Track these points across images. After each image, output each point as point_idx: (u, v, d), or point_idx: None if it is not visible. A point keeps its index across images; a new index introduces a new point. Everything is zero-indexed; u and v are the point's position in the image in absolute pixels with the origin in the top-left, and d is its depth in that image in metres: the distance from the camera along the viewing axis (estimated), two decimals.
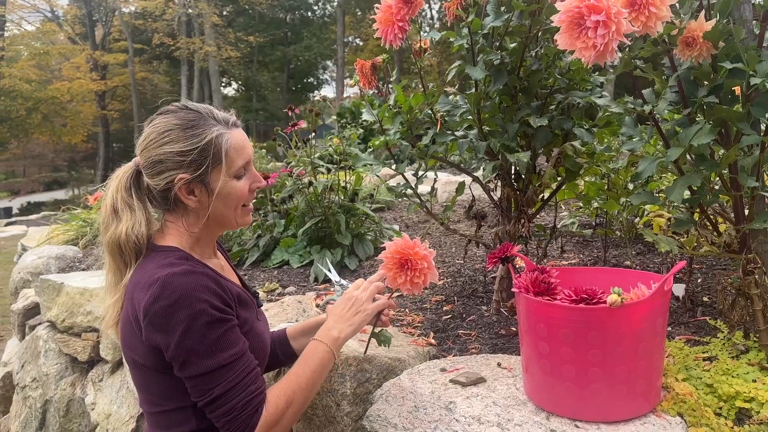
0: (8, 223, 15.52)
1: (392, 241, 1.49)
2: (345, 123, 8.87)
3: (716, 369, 1.52)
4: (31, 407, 3.13)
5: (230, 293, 1.31)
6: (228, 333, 1.25)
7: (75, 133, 26.70)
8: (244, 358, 1.27)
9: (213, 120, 1.34)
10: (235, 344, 1.26)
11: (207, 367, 1.21)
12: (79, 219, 4.67)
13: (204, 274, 1.26)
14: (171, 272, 1.22)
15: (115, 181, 1.37)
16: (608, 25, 1.21)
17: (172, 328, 1.19)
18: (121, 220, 1.33)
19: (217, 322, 1.23)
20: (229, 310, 1.28)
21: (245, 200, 1.40)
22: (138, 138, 1.37)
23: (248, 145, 1.39)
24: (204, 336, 1.20)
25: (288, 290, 2.80)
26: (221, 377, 1.22)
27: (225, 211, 1.37)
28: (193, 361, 1.20)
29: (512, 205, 2.23)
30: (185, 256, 1.32)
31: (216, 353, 1.21)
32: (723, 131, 1.56)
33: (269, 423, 1.25)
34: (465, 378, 1.58)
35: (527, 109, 2.01)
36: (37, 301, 3.51)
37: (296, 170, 3.37)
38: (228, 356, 1.23)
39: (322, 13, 36.14)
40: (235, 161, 1.34)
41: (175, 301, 1.19)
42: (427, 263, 1.45)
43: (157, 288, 1.20)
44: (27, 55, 24.35)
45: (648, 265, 2.61)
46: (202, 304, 1.21)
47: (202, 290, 1.22)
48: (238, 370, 1.24)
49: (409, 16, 1.90)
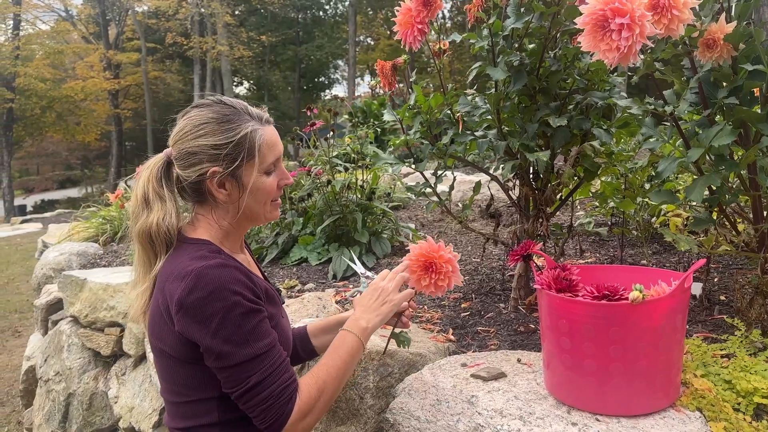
0: (23, 221, 15.68)
1: (416, 243, 1.51)
2: (357, 122, 8.90)
3: (734, 366, 1.54)
4: (55, 400, 3.19)
5: (259, 287, 1.35)
6: (262, 323, 1.28)
7: (88, 132, 26.87)
8: (277, 348, 1.30)
9: (247, 115, 1.37)
10: (269, 334, 1.29)
11: (243, 356, 1.24)
12: (99, 216, 4.74)
13: (236, 267, 1.29)
14: (205, 264, 1.25)
15: (147, 171, 1.40)
16: (632, 27, 1.24)
17: (208, 319, 1.22)
18: (152, 210, 1.36)
19: (251, 312, 1.26)
20: (261, 302, 1.31)
21: (274, 196, 1.42)
22: (171, 130, 1.39)
23: (279, 142, 1.41)
24: (239, 326, 1.24)
25: (307, 287, 2.84)
26: (257, 366, 1.25)
27: (254, 205, 1.40)
28: (230, 351, 1.23)
29: (530, 204, 2.26)
30: (217, 250, 1.35)
31: (252, 343, 1.25)
32: (742, 132, 1.58)
33: (303, 411, 1.27)
34: (486, 373, 1.61)
35: (546, 110, 2.04)
36: (59, 297, 3.57)
37: (314, 169, 3.42)
38: (263, 345, 1.26)
39: (333, 13, 36.18)
40: (267, 157, 1.37)
41: (210, 293, 1.22)
42: (452, 267, 1.48)
43: (192, 280, 1.23)
44: (41, 54, 24.52)
45: (664, 264, 2.63)
46: (236, 296, 1.24)
47: (236, 283, 1.25)
48: (272, 359, 1.27)
49: (429, 18, 1.94)
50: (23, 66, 22.99)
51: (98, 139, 28.63)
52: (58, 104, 24.83)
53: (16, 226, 14.83)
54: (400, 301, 1.50)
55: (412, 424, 1.53)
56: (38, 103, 23.99)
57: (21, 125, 24.68)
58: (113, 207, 4.71)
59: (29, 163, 35.04)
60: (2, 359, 5.80)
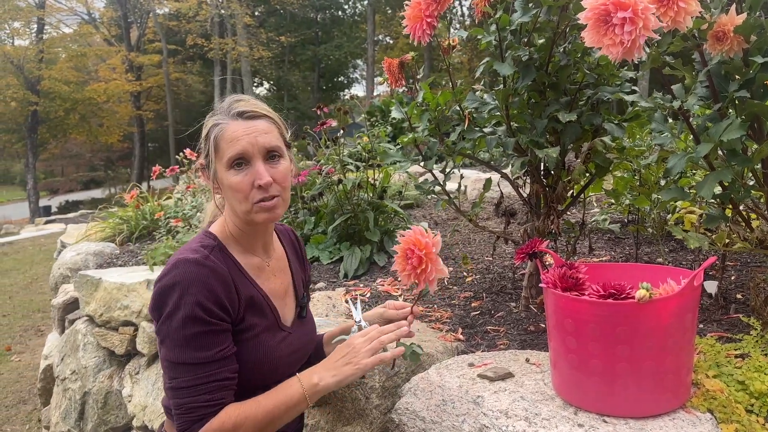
0: (47, 221, 15.91)
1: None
2: (374, 121, 8.89)
3: (748, 366, 1.50)
4: (71, 399, 3.23)
5: (239, 296, 1.31)
6: (206, 335, 1.24)
7: (111, 133, 27.26)
8: (213, 366, 1.25)
9: (221, 111, 1.36)
10: (209, 348, 1.24)
11: (174, 358, 1.23)
12: (116, 217, 4.79)
13: (214, 269, 1.27)
14: (184, 258, 1.26)
15: None
16: (635, 21, 1.21)
17: (161, 307, 1.24)
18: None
19: (197, 320, 1.23)
20: (221, 315, 1.27)
21: (248, 195, 1.32)
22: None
23: (246, 140, 1.31)
24: (181, 328, 1.22)
25: (318, 286, 2.84)
26: (181, 373, 1.23)
27: (233, 203, 1.35)
28: (167, 345, 1.24)
29: (541, 201, 2.22)
30: (211, 245, 1.33)
31: (185, 349, 1.22)
32: (755, 126, 1.54)
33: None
34: (493, 373, 1.59)
35: (556, 105, 2.01)
36: (76, 296, 3.61)
37: (325, 168, 3.41)
38: (194, 357, 1.23)
39: (352, 12, 36.26)
40: (225, 152, 1.31)
41: (173, 284, 1.23)
42: (428, 252, 1.36)
43: (168, 267, 1.26)
44: (65, 57, 24.88)
45: (681, 262, 2.58)
46: (191, 297, 1.22)
47: (199, 285, 1.23)
48: (199, 374, 1.23)
49: (438, 12, 1.91)
50: (47, 69, 23.37)
51: (121, 141, 29.00)
52: (81, 106, 25.20)
53: (40, 226, 15.05)
54: (367, 368, 1.35)
55: (417, 424, 1.52)
56: (62, 106, 24.36)
57: (45, 127, 25.11)
58: (129, 207, 4.75)
59: (54, 164, 35.58)
60: (25, 358, 5.90)
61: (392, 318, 1.52)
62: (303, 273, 1.60)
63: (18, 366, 5.68)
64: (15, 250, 12.11)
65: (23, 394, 5.03)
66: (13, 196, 34.54)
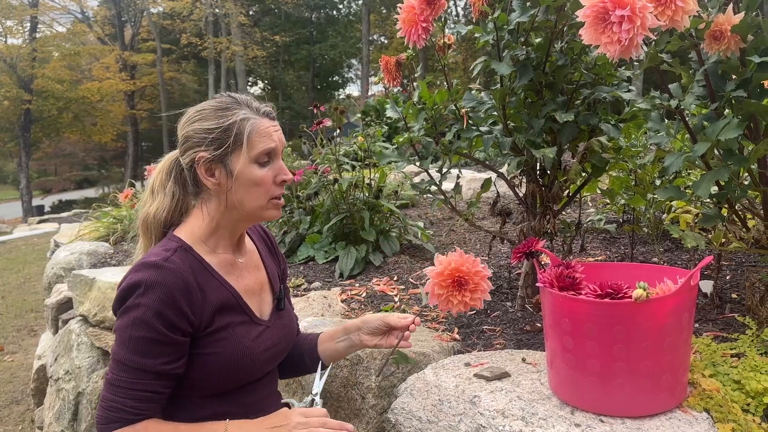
0: (40, 221, 15.84)
1: (444, 256, 1.47)
2: (370, 121, 8.88)
3: (744, 365, 1.50)
4: (64, 399, 3.21)
5: (204, 299, 1.29)
6: (154, 343, 1.23)
7: (105, 132, 27.13)
8: (151, 376, 1.23)
9: (246, 107, 1.35)
10: (154, 357, 1.23)
11: (117, 354, 1.24)
12: (110, 216, 4.76)
13: (178, 276, 1.25)
14: (149, 261, 1.25)
15: (161, 162, 1.43)
16: (633, 19, 1.21)
17: (119, 302, 1.25)
18: (155, 200, 1.40)
19: (149, 326, 1.22)
20: (178, 325, 1.25)
21: (269, 190, 1.35)
22: None
23: (276, 137, 1.36)
24: (128, 327, 1.22)
25: (313, 285, 2.83)
26: (120, 372, 1.23)
27: (246, 198, 1.34)
28: (117, 340, 1.25)
29: (537, 201, 2.22)
30: (175, 248, 1.31)
31: (127, 349, 1.22)
32: (752, 125, 1.54)
33: None
34: (489, 372, 1.59)
35: (553, 105, 2.00)
36: (69, 296, 3.58)
37: (321, 167, 3.40)
38: (132, 360, 1.22)
39: (347, 12, 36.23)
40: (257, 145, 1.32)
41: (133, 285, 1.23)
42: (487, 284, 1.48)
43: (132, 270, 1.26)
44: (58, 55, 24.76)
45: (676, 262, 2.59)
46: (149, 300, 1.22)
47: (159, 291, 1.22)
48: (132, 378, 1.22)
49: (432, 16, 1.91)
50: (40, 68, 23.26)
51: (114, 140, 28.88)
52: (74, 105, 25.09)
53: (34, 226, 14.98)
54: None
55: (414, 424, 1.51)
56: (55, 105, 24.26)
57: (38, 126, 24.98)
58: (123, 207, 4.73)
59: (47, 164, 35.42)
60: (18, 358, 5.86)
61: (394, 324, 1.50)
62: (277, 266, 1.59)
63: (11, 366, 5.65)
64: (8, 249, 12.04)
65: (16, 394, 5.00)
66: (6, 196, 34.37)
